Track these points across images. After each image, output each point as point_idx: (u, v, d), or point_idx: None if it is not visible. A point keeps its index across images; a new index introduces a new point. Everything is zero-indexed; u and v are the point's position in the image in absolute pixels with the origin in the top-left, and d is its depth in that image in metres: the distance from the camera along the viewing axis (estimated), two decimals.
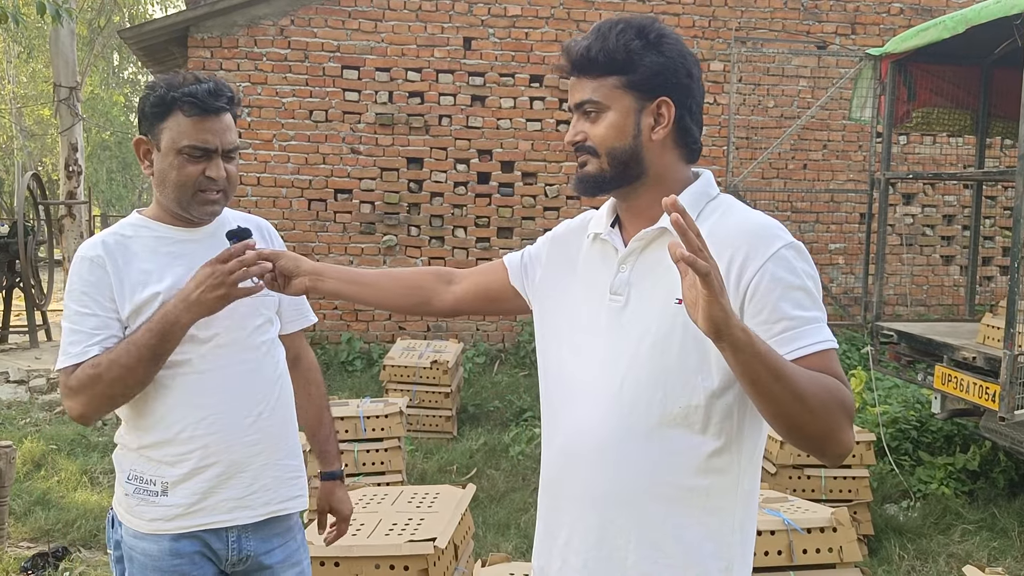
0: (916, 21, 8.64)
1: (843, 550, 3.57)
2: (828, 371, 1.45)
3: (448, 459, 6.02)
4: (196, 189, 1.99)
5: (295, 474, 2.17)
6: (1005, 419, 4.11)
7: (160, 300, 1.97)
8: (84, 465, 5.73)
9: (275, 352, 2.16)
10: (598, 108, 1.56)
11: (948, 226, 9.78)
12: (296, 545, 2.21)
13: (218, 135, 1.99)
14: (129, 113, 32.73)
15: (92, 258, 1.99)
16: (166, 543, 2.01)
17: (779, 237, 1.52)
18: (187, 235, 2.07)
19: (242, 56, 8.61)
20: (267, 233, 2.24)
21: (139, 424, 2.03)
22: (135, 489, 2.03)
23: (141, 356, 1.91)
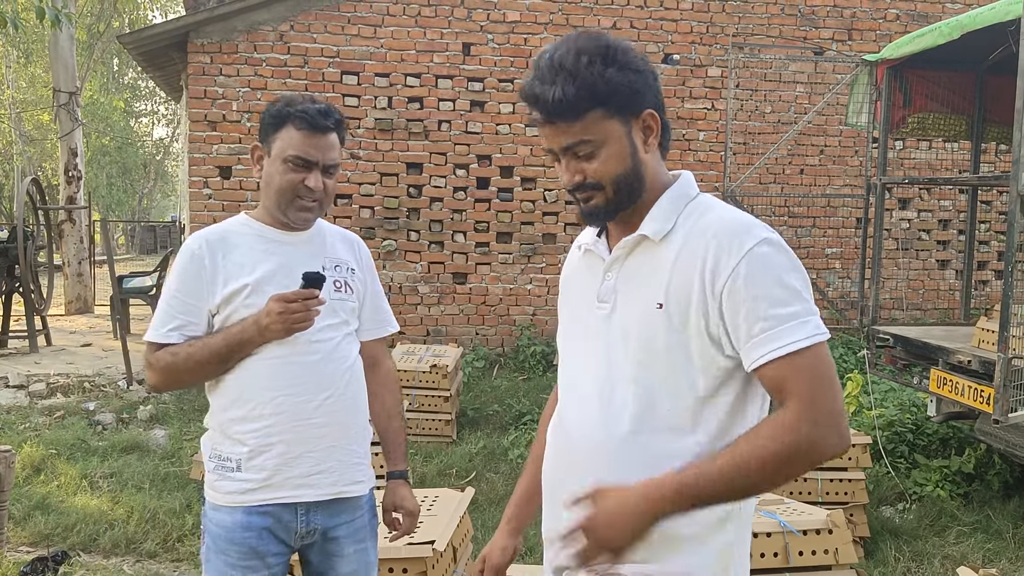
0: (912, 27, 8.70)
1: (839, 552, 3.60)
2: (795, 380, 1.43)
3: (447, 463, 6.04)
4: (295, 195, 2.22)
5: (359, 460, 2.33)
6: (999, 422, 4.14)
7: (248, 291, 2.20)
8: (84, 469, 5.75)
9: (346, 348, 2.31)
10: (592, 145, 1.53)
11: (944, 231, 9.82)
12: (363, 524, 2.35)
13: (321, 151, 2.21)
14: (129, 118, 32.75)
15: (193, 251, 2.23)
16: (239, 516, 2.20)
17: (752, 234, 1.50)
18: (283, 236, 2.28)
19: (242, 62, 8.64)
20: (357, 247, 2.45)
21: (220, 403, 2.25)
22: (215, 466, 2.25)
23: (212, 359, 2.17)
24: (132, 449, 6.28)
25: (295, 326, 2.13)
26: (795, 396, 1.42)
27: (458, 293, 9.02)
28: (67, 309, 13.59)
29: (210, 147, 8.66)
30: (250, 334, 2.15)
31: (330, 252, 2.34)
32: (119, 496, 5.28)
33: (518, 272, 9.13)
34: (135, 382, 8.07)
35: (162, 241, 29.99)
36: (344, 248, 2.38)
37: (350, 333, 2.34)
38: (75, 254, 13.73)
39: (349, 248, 2.40)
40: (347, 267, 2.35)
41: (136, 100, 33.74)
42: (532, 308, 9.14)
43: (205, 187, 8.69)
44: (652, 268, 1.56)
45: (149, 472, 5.69)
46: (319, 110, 2.21)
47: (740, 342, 1.49)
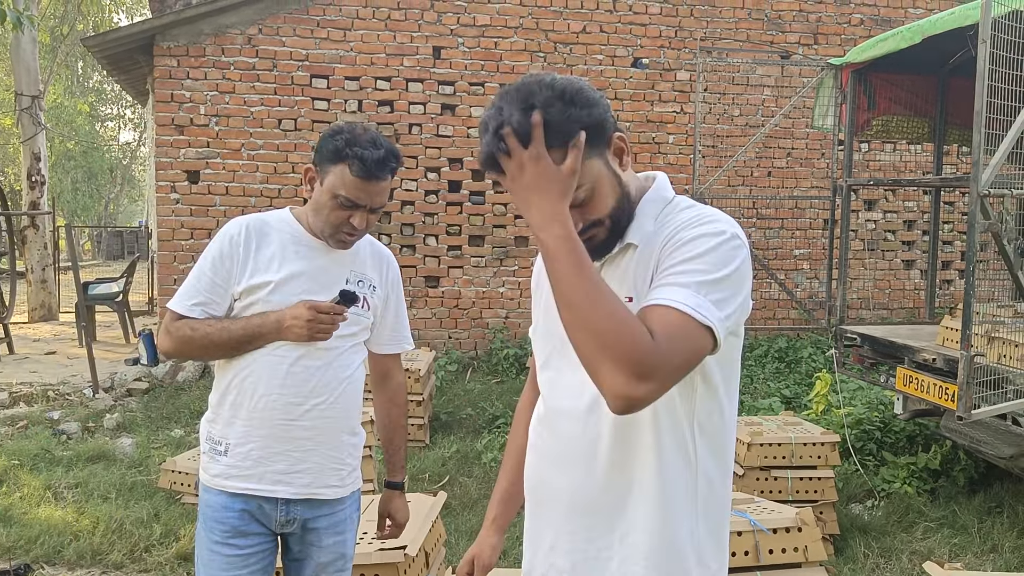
0: (875, 32, 8.82)
1: (808, 549, 3.63)
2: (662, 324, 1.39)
3: (420, 467, 6.03)
4: (338, 230, 2.29)
5: (339, 465, 2.39)
6: (963, 418, 4.21)
7: (271, 287, 2.28)
8: (48, 480, 5.65)
9: (350, 357, 2.39)
10: (586, 190, 1.51)
11: (909, 231, 9.96)
12: (343, 516, 2.44)
13: (371, 196, 2.26)
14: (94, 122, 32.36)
15: (232, 236, 2.32)
16: (224, 498, 2.32)
17: (710, 223, 1.50)
18: (318, 244, 2.36)
19: (209, 65, 8.58)
20: (386, 265, 2.50)
21: (222, 384, 2.35)
22: (208, 448, 2.36)
23: (228, 343, 2.27)
24: (98, 458, 6.19)
25: (318, 335, 2.23)
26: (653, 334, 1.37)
27: (430, 297, 9.01)
28: (31, 317, 13.39)
29: (177, 151, 8.58)
30: (269, 329, 2.25)
31: (358, 266, 2.41)
32: (84, 507, 5.20)
33: (490, 275, 9.13)
34: (101, 390, 7.97)
35: (129, 247, 29.67)
36: (373, 264, 2.45)
37: (358, 344, 2.43)
38: (39, 260, 13.55)
39: (377, 265, 2.47)
40: (370, 284, 2.43)
41: (101, 104, 33.35)
42: (505, 311, 9.15)
43: (173, 192, 8.61)
44: (625, 265, 1.59)
45: (115, 482, 5.61)
46: (377, 160, 2.22)
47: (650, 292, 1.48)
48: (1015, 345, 4.60)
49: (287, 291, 2.29)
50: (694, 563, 1.58)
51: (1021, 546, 4.67)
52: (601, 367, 1.36)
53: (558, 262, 1.40)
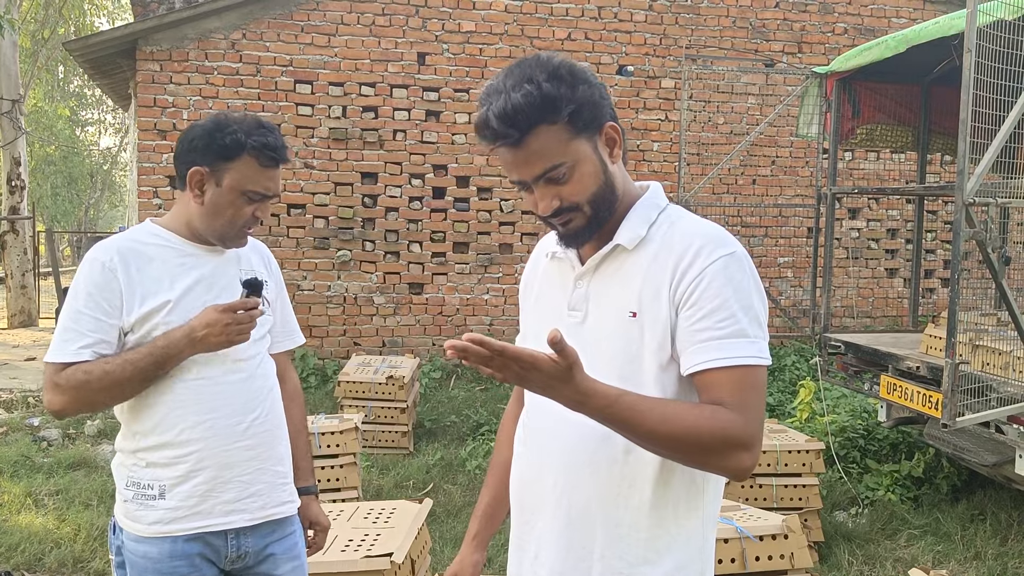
0: (860, 41, 8.89)
1: (794, 556, 3.64)
2: (733, 389, 1.45)
3: (404, 475, 6.00)
4: (243, 227, 2.15)
5: (285, 480, 2.27)
6: (948, 426, 4.22)
7: (170, 307, 2.07)
8: (28, 487, 5.59)
9: (268, 364, 2.27)
10: (566, 168, 1.50)
11: (892, 239, 10.03)
12: (295, 540, 2.30)
13: (275, 182, 2.16)
14: (75, 127, 32.13)
15: (104, 262, 2.07)
16: (167, 546, 2.09)
17: (722, 245, 1.52)
18: (200, 250, 2.18)
19: (192, 70, 8.53)
20: (267, 258, 2.37)
21: (137, 428, 2.11)
22: (133, 495, 2.12)
23: (134, 376, 2.02)
24: (79, 465, 6.13)
25: (238, 338, 2.06)
26: (731, 406, 1.45)
27: (414, 304, 8.99)
28: (10, 323, 13.27)
29: (160, 156, 8.53)
30: (179, 348, 2.03)
31: (245, 263, 2.26)
32: (65, 514, 5.14)
33: (475, 282, 9.12)
34: None
35: None
36: (257, 259, 2.30)
37: (267, 348, 2.29)
38: (18, 266, 13.43)
39: (260, 259, 2.32)
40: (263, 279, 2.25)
41: (82, 109, 33.11)
42: (489, 318, 9.13)
43: (155, 197, 8.56)
44: (625, 277, 1.57)
45: (97, 489, 5.56)
46: (280, 144, 2.13)
47: (683, 345, 1.50)
48: (998, 353, 4.63)
49: (187, 306, 2.09)
50: (674, 570, 1.57)
51: (1004, 553, 4.69)
52: (713, 466, 1.47)
53: (615, 424, 1.43)
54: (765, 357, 1.49)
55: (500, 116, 1.45)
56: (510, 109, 1.44)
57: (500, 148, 1.50)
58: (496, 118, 1.45)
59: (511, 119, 1.45)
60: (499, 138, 1.47)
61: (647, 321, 1.52)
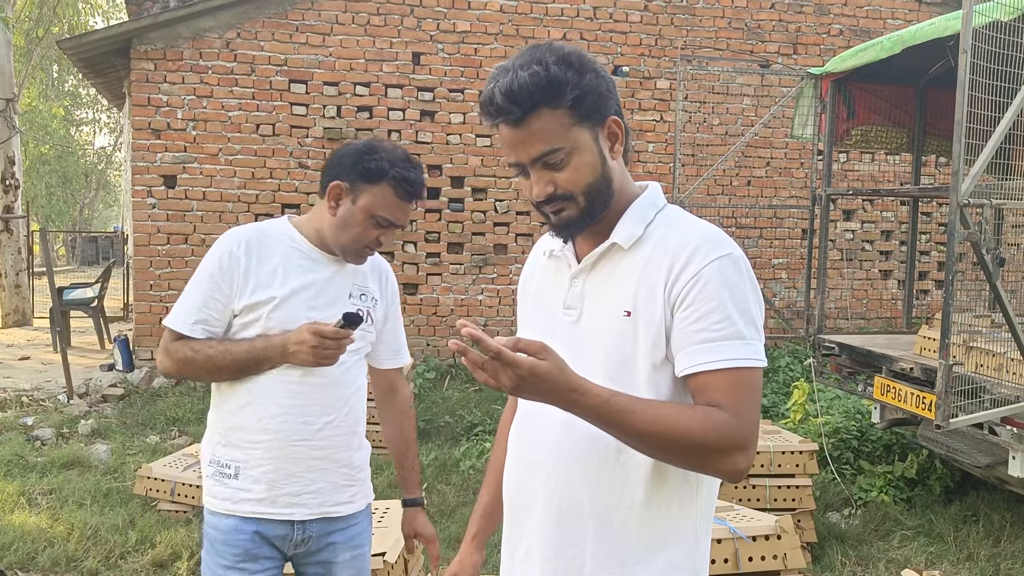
0: (855, 42, 8.90)
1: (787, 557, 3.64)
2: (727, 392, 1.45)
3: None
4: (365, 247, 2.26)
5: (350, 481, 2.34)
6: (941, 427, 4.23)
7: (276, 303, 2.21)
8: (22, 486, 5.57)
9: (355, 371, 2.35)
10: (563, 154, 1.50)
11: (886, 241, 10.04)
12: (359, 531, 2.39)
13: (405, 214, 2.27)
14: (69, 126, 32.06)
15: (232, 249, 2.23)
16: (234, 520, 2.25)
17: (718, 247, 1.51)
18: (322, 257, 2.29)
19: (187, 69, 8.51)
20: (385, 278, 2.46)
21: (226, 406, 2.27)
22: (213, 472, 2.28)
23: (231, 366, 2.20)
24: (73, 465, 6.11)
25: (323, 361, 2.16)
26: (726, 408, 1.45)
27: (409, 304, 8.97)
28: (4, 322, 13.23)
29: (154, 156, 8.51)
30: (274, 353, 2.17)
31: (360, 280, 2.36)
32: (59, 513, 5.13)
33: (469, 283, 9.11)
34: (76, 396, 7.87)
35: (104, 252, 29.41)
36: (373, 278, 2.40)
37: (360, 360, 2.38)
38: (13, 265, 13.39)
39: (377, 279, 2.42)
40: (372, 297, 2.38)
41: (77, 108, 33.03)
42: (484, 319, 9.13)
43: (149, 196, 8.53)
44: (620, 276, 1.56)
45: (91, 488, 5.54)
46: (422, 183, 2.25)
47: (677, 346, 1.50)
48: (992, 355, 4.63)
49: (291, 307, 2.21)
50: (673, 573, 1.56)
51: (996, 555, 4.70)
52: (708, 468, 1.47)
53: (607, 424, 1.44)
54: (761, 359, 1.49)
55: (505, 93, 1.46)
56: (516, 87, 1.45)
57: (502, 127, 1.50)
58: (501, 94, 1.46)
59: (515, 97, 1.46)
60: (501, 114, 1.48)
61: (641, 321, 1.52)
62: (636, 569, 1.55)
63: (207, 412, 2.38)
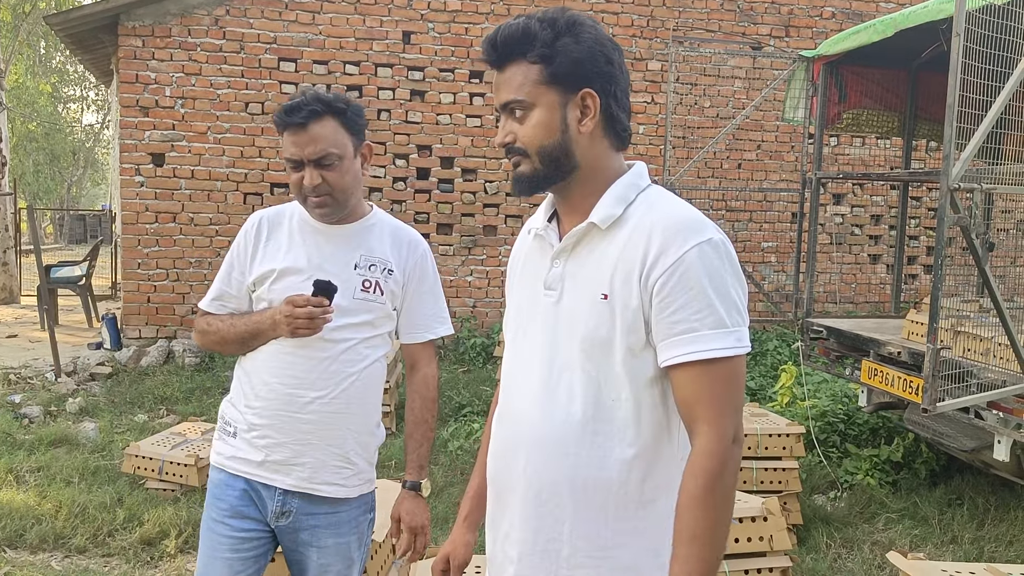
0: (847, 25, 8.88)
1: (773, 539, 3.66)
2: (705, 390, 1.45)
3: (386, 455, 5.98)
4: (303, 195, 2.24)
5: (341, 464, 2.28)
6: (928, 411, 4.25)
7: (275, 276, 2.26)
8: (10, 463, 5.56)
9: (363, 351, 2.29)
10: (523, 107, 1.55)
11: (876, 226, 10.06)
12: (348, 518, 2.31)
13: (301, 146, 2.19)
14: (57, 103, 31.78)
15: (249, 228, 2.34)
16: (226, 475, 2.30)
17: (697, 232, 1.49)
18: (322, 228, 2.30)
19: (175, 46, 8.43)
20: (408, 247, 2.38)
21: (239, 372, 2.35)
22: (220, 427, 2.36)
23: (236, 339, 2.29)
24: (60, 443, 6.09)
25: (299, 332, 2.17)
26: (705, 422, 1.45)
27: None
28: None
29: (142, 133, 8.44)
30: (265, 327, 2.23)
31: (370, 250, 2.31)
32: (47, 490, 5.11)
33: (459, 264, 9.09)
34: (63, 374, 7.83)
35: (92, 230, 29.23)
36: (391, 247, 2.34)
37: (376, 336, 2.32)
38: (0, 243, 13.29)
39: (397, 247, 2.35)
40: (384, 267, 2.31)
41: (64, 85, 32.71)
42: (472, 300, 9.12)
43: (137, 174, 8.47)
44: (599, 258, 1.55)
45: (78, 466, 5.52)
46: (289, 107, 2.19)
47: (659, 336, 1.49)
48: (979, 339, 4.65)
49: (290, 280, 2.24)
50: (650, 556, 1.55)
51: (980, 537, 4.74)
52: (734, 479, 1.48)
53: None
54: (743, 345, 1.48)
55: (490, 38, 1.56)
56: (500, 35, 1.55)
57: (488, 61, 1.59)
58: (488, 38, 1.57)
59: (495, 44, 1.55)
60: (485, 54, 1.58)
61: (618, 305, 1.51)
62: (615, 552, 1.55)
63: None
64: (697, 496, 1.43)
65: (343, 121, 2.22)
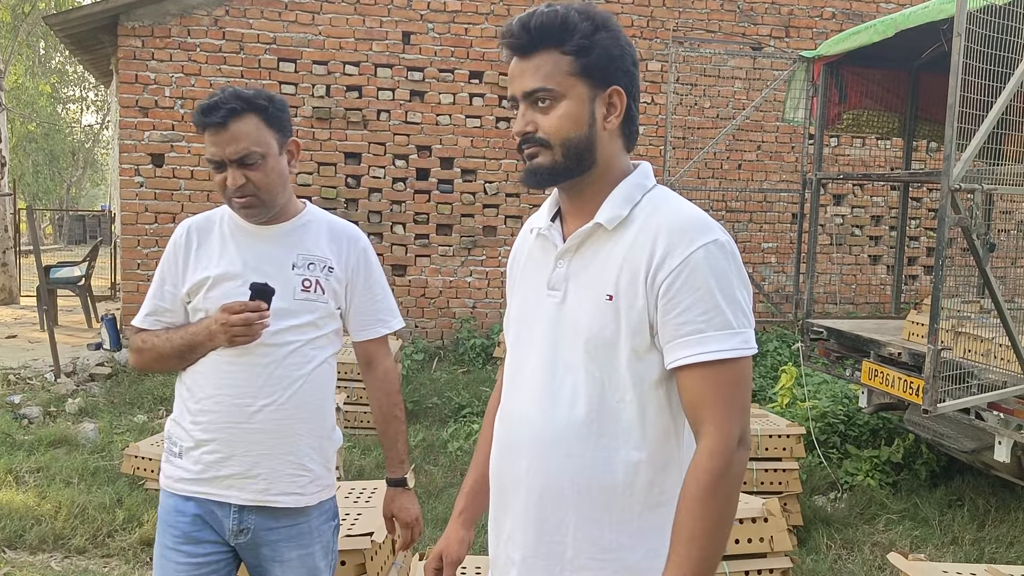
0: (847, 25, 8.87)
1: (774, 540, 3.65)
2: (711, 391, 1.45)
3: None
4: (228, 197, 2.16)
5: (300, 472, 2.20)
6: (928, 412, 4.24)
7: (209, 284, 2.16)
8: (9, 464, 5.55)
9: (308, 353, 2.20)
10: (552, 96, 1.52)
11: (876, 226, 10.06)
12: (308, 529, 2.23)
13: (222, 146, 2.10)
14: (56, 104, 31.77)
15: (177, 238, 2.24)
16: (175, 500, 2.21)
17: (703, 233, 1.48)
18: (254, 230, 2.22)
19: (175, 46, 8.43)
20: (347, 243, 2.29)
21: (180, 389, 2.25)
22: (167, 448, 2.26)
23: (172, 354, 2.19)
24: (60, 443, 6.09)
25: (237, 339, 2.08)
26: (711, 423, 1.45)
27: (397, 285, 8.95)
28: None
29: (142, 134, 8.44)
30: (202, 337, 2.13)
31: (307, 248, 2.23)
32: (46, 491, 5.11)
33: (458, 264, 9.09)
34: (63, 375, 7.83)
35: (91, 231, 29.20)
36: (329, 244, 2.26)
37: (321, 336, 2.23)
38: (0, 243, 13.29)
39: (336, 244, 2.27)
40: (324, 265, 2.23)
41: (64, 85, 32.69)
42: (472, 301, 9.11)
43: (136, 175, 8.47)
44: (604, 258, 1.54)
45: (78, 466, 5.52)
46: (206, 107, 2.09)
47: (665, 338, 1.49)
48: (980, 340, 4.65)
49: (226, 286, 2.14)
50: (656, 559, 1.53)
51: (981, 539, 4.73)
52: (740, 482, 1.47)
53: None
54: (750, 347, 1.48)
55: (522, 22, 1.52)
56: (533, 20, 1.51)
57: (513, 58, 1.55)
58: (518, 23, 1.52)
59: (528, 28, 1.51)
60: (512, 37, 1.53)
61: (623, 306, 1.50)
62: (619, 554, 1.54)
63: None
64: (698, 497, 1.42)
65: (265, 118, 2.14)
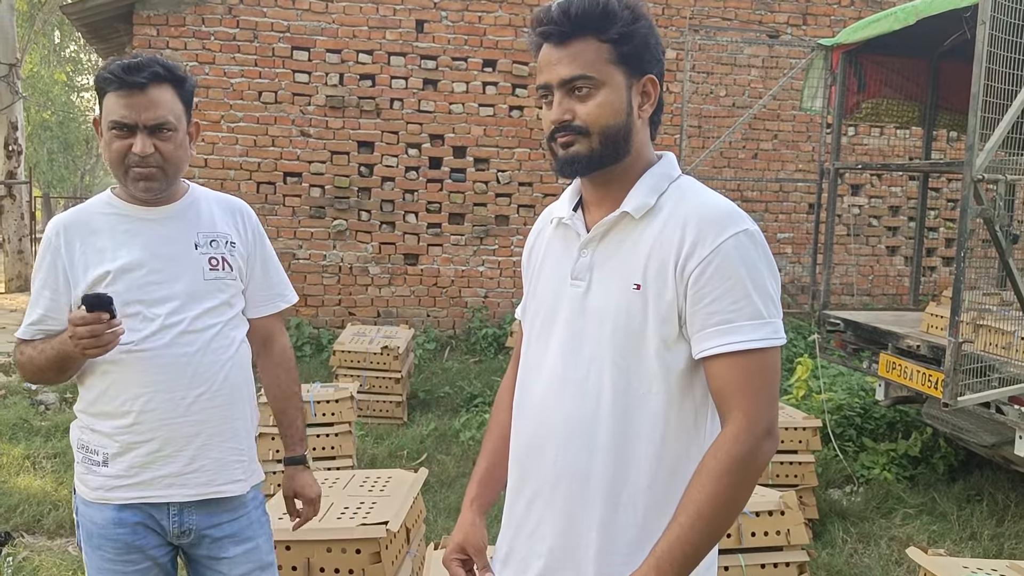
0: (866, 13, 8.77)
1: (790, 533, 3.61)
2: (741, 378, 1.43)
3: (398, 444, 5.98)
4: (127, 166, 2.01)
5: (238, 457, 2.15)
6: (948, 405, 4.19)
7: (110, 278, 2.01)
8: (27, 450, 5.58)
9: (228, 335, 2.13)
10: (592, 84, 1.49)
11: (894, 217, 9.96)
12: (248, 521, 2.19)
13: (138, 110, 1.97)
14: (71, 92, 31.89)
15: (50, 240, 2.07)
16: (109, 512, 2.07)
17: (734, 223, 1.47)
18: (146, 214, 2.09)
19: (189, 35, 8.42)
20: (241, 216, 2.23)
21: (86, 394, 2.10)
22: (82, 458, 2.11)
23: (47, 366, 2.03)
24: None
25: (89, 352, 1.90)
26: (739, 410, 1.43)
27: (409, 274, 8.93)
28: (7, 287, 13.23)
29: None
30: (68, 347, 1.93)
31: (205, 225, 2.14)
32: (63, 477, 5.13)
33: (470, 254, 9.06)
34: None
35: None
36: (224, 218, 2.17)
37: (235, 316, 2.17)
38: (15, 231, 13.37)
39: (230, 218, 2.19)
40: (226, 241, 2.15)
41: (78, 74, 32.80)
42: (484, 290, 9.08)
43: None
44: (631, 248, 1.52)
45: None
46: (126, 65, 1.96)
47: (694, 327, 1.47)
48: (1001, 333, 4.58)
49: (132, 277, 2.02)
50: None
51: (1000, 534, 4.68)
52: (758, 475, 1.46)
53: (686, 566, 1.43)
54: (779, 337, 1.46)
55: (562, 8, 1.49)
56: (574, 7, 1.48)
57: (544, 46, 1.52)
58: (559, 9, 1.49)
59: (568, 14, 1.48)
60: (551, 24, 1.50)
61: (651, 295, 1.48)
62: (646, 546, 1.50)
63: None
64: (713, 475, 1.41)
65: (180, 92, 2.05)
